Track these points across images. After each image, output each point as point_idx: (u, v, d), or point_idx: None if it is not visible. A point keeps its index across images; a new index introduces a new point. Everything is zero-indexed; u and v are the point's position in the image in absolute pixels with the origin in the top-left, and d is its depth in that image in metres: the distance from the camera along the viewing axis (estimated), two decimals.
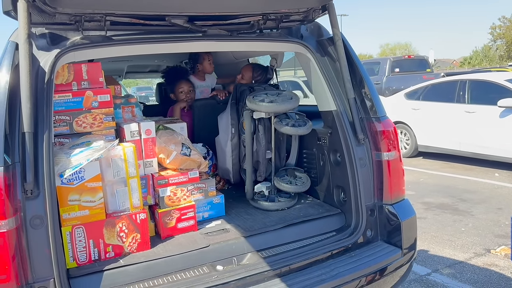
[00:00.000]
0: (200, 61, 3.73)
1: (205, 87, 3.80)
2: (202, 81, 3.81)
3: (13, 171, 1.76)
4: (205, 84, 3.83)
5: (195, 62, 3.76)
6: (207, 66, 3.73)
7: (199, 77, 3.80)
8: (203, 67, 3.74)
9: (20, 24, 1.80)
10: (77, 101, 2.23)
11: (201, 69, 3.77)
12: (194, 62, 3.78)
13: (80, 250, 2.07)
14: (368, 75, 2.57)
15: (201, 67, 3.75)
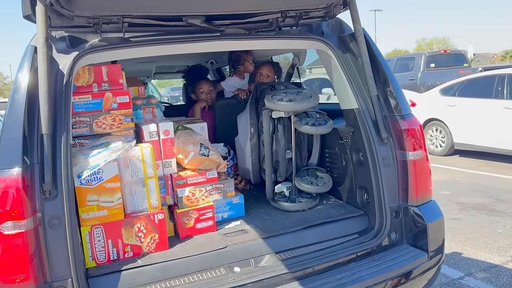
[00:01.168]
0: (242, 62, 3.77)
1: (245, 85, 3.83)
2: (242, 80, 3.86)
3: (31, 172, 1.79)
4: (245, 82, 3.87)
5: (237, 64, 3.80)
6: (248, 66, 3.78)
7: (240, 76, 3.86)
8: (244, 67, 3.80)
9: (38, 28, 1.84)
10: (96, 103, 2.26)
11: (243, 70, 3.82)
12: (236, 63, 3.81)
13: (99, 250, 2.09)
14: (391, 71, 2.47)
15: (242, 68, 3.81)
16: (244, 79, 3.84)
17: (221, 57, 4.59)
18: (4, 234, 1.72)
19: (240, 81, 3.82)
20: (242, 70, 3.82)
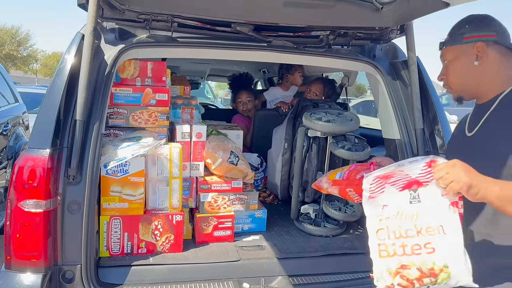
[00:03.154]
0: (291, 72, 3.72)
1: (288, 97, 3.78)
2: (285, 91, 3.81)
3: (59, 155, 1.84)
4: (288, 94, 3.82)
5: (286, 72, 3.76)
6: (297, 78, 3.73)
7: (284, 87, 3.81)
8: (293, 78, 3.75)
9: (88, 17, 1.88)
10: (136, 97, 2.30)
11: (290, 80, 3.78)
12: (286, 72, 3.78)
13: (114, 241, 2.11)
14: (442, 106, 2.32)
15: (291, 78, 3.77)
16: (288, 91, 3.77)
17: (273, 67, 4.57)
18: (24, 211, 1.77)
19: (283, 92, 3.76)
20: (290, 81, 3.76)
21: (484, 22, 1.48)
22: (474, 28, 1.47)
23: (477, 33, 1.46)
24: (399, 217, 1.32)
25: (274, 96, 3.73)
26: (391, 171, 1.34)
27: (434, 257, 1.25)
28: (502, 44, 1.44)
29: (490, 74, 1.46)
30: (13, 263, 1.80)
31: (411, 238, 1.28)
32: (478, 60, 1.45)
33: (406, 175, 1.33)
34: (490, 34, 1.45)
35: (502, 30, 1.46)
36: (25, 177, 1.78)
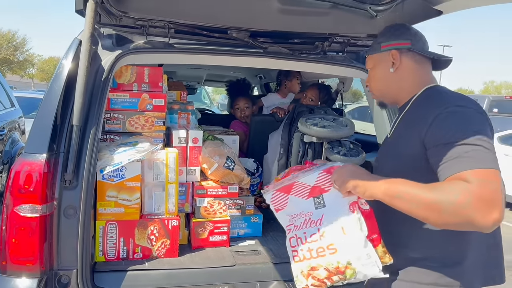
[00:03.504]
0: (290, 79, 3.75)
1: (285, 104, 3.80)
2: (283, 98, 3.83)
3: (56, 160, 1.85)
4: (285, 101, 3.84)
5: (285, 79, 3.78)
6: (295, 85, 3.76)
7: (282, 94, 3.83)
8: (291, 85, 3.78)
9: (86, 23, 1.90)
10: (133, 102, 2.31)
11: (288, 87, 3.80)
12: (284, 78, 3.80)
13: (110, 246, 2.11)
14: None
15: (289, 85, 3.79)
16: (286, 98, 3.80)
17: (269, 72, 4.60)
18: (20, 215, 1.78)
19: (281, 98, 3.79)
20: (288, 88, 3.79)
21: (400, 31, 1.57)
22: (390, 37, 1.57)
23: (392, 41, 1.56)
24: (306, 223, 1.45)
25: (272, 102, 3.75)
26: (289, 183, 1.49)
27: (337, 256, 1.37)
28: (416, 52, 1.52)
29: (405, 80, 1.54)
30: (8, 267, 1.80)
31: (315, 242, 1.41)
32: (393, 67, 1.54)
33: (305, 184, 1.46)
34: (404, 42, 1.54)
35: (417, 38, 1.55)
36: (22, 181, 1.79)
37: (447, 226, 1.24)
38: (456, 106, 1.35)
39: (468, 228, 1.22)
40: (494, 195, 1.17)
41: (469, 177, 1.19)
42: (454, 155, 1.25)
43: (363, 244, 1.37)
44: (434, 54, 1.55)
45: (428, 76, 1.55)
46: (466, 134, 1.27)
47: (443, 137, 1.30)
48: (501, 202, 1.18)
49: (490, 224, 1.16)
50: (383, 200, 1.31)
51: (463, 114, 1.32)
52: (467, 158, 1.23)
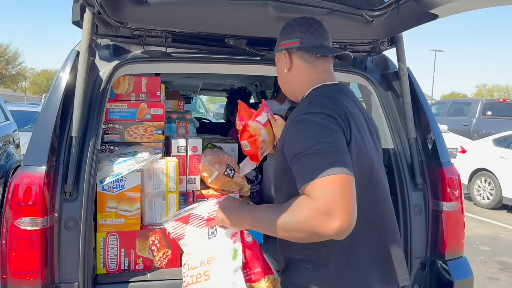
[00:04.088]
0: None
1: (283, 110, 3.79)
2: (281, 105, 3.83)
3: (55, 172, 1.84)
4: (283, 107, 3.83)
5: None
6: None
7: (279, 100, 3.83)
8: None
9: (83, 34, 1.91)
10: (131, 112, 2.30)
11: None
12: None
13: (111, 257, 2.09)
14: (433, 116, 2.36)
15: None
16: (284, 105, 3.81)
17: (265, 80, 4.61)
18: (21, 229, 1.76)
19: (278, 105, 3.79)
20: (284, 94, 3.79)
21: (292, 29, 1.52)
22: (283, 37, 1.54)
23: (284, 41, 1.53)
24: (197, 252, 1.56)
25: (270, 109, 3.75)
26: (186, 214, 1.60)
27: (209, 283, 1.49)
28: (305, 51, 1.47)
29: (298, 80, 1.52)
30: (9, 282, 1.78)
31: (196, 269, 1.53)
32: (286, 67, 1.52)
33: (199, 216, 1.57)
34: (293, 41, 1.49)
35: (308, 35, 1.48)
36: (21, 194, 1.77)
37: (303, 240, 1.28)
38: (303, 114, 1.33)
39: (319, 239, 1.23)
40: (330, 204, 1.17)
41: (308, 191, 1.22)
42: (297, 169, 1.27)
43: (232, 273, 1.46)
44: (322, 52, 1.48)
45: (319, 75, 1.49)
46: (306, 143, 1.27)
47: (291, 150, 1.31)
48: (340, 209, 1.17)
49: (333, 232, 1.17)
50: (252, 229, 1.45)
51: (305, 123, 1.31)
52: (306, 170, 1.24)
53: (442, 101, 15.99)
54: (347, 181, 1.21)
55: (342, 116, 1.33)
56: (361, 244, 1.39)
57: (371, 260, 1.40)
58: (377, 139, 1.55)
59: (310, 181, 1.21)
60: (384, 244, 1.44)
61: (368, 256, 1.40)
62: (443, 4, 1.79)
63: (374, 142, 1.49)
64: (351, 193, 1.21)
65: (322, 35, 1.51)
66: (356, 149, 1.33)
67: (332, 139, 1.27)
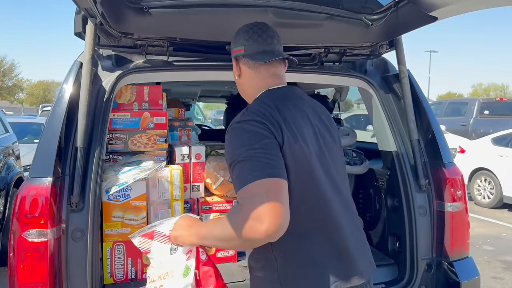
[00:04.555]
0: None
1: None
2: None
3: (61, 183, 1.84)
4: None
5: None
6: None
7: None
8: None
9: (86, 45, 1.92)
10: (134, 121, 2.32)
11: None
12: None
13: (118, 267, 2.09)
14: (435, 117, 2.38)
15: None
16: None
17: None
18: (28, 241, 1.76)
19: None
20: None
21: (238, 36, 1.55)
22: (232, 45, 1.57)
23: (233, 49, 1.56)
24: (159, 266, 1.60)
25: None
26: (150, 231, 1.64)
27: None
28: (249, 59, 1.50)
29: (247, 86, 1.56)
30: None
31: (154, 282, 1.58)
32: (236, 74, 1.57)
33: (162, 233, 1.61)
34: (238, 49, 1.53)
35: (251, 42, 1.50)
36: (28, 206, 1.77)
37: (243, 248, 1.38)
38: (236, 123, 1.38)
39: (254, 244, 1.29)
40: (255, 209, 1.20)
41: (238, 198, 1.28)
42: (233, 177, 1.32)
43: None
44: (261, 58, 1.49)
45: (263, 81, 1.51)
46: (237, 151, 1.31)
47: (227, 159, 1.36)
48: (266, 213, 1.20)
49: (263, 236, 1.21)
50: (201, 244, 1.50)
51: (237, 131, 1.35)
52: (237, 178, 1.29)
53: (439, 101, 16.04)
54: (274, 185, 1.24)
55: (273, 121, 1.36)
56: (311, 243, 1.39)
57: (326, 258, 1.40)
58: (329, 138, 1.52)
59: (240, 188, 1.26)
60: (339, 240, 1.43)
61: (322, 255, 1.40)
62: (442, 7, 1.81)
63: (319, 144, 1.47)
64: (279, 196, 1.23)
65: (265, 40, 1.51)
66: (290, 152, 1.35)
67: (261, 144, 1.30)
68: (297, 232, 1.35)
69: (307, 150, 1.40)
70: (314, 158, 1.42)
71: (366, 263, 1.50)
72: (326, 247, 1.40)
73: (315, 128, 1.48)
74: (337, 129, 1.60)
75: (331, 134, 1.54)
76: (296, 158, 1.36)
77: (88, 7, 1.78)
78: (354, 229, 1.50)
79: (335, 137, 1.56)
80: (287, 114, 1.41)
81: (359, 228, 1.56)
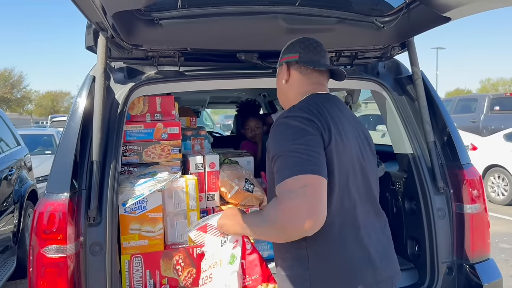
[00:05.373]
0: None
1: None
2: None
3: (78, 198, 1.84)
4: None
5: None
6: None
7: None
8: None
9: (98, 58, 1.92)
10: (148, 132, 2.31)
11: None
12: None
13: (136, 279, 2.09)
14: (450, 117, 2.34)
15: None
16: None
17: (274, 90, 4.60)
18: (47, 257, 1.76)
19: None
20: None
21: (292, 45, 1.65)
22: (284, 52, 1.67)
23: (285, 55, 1.66)
24: (211, 257, 1.71)
25: None
26: (203, 224, 1.75)
27: (210, 284, 1.64)
28: (302, 64, 1.59)
29: (292, 90, 1.62)
30: None
31: (205, 272, 1.70)
32: (284, 79, 1.64)
33: (214, 225, 1.72)
34: (293, 55, 1.62)
35: (306, 51, 1.60)
36: (46, 222, 1.78)
37: (279, 240, 1.42)
38: (282, 118, 1.43)
39: (290, 237, 1.32)
40: (291, 204, 1.26)
41: (277, 192, 1.32)
42: (275, 171, 1.36)
43: (227, 276, 1.61)
44: (317, 65, 1.58)
45: (311, 86, 1.59)
46: (280, 146, 1.37)
47: (270, 153, 1.41)
48: (301, 209, 1.25)
49: (298, 231, 1.27)
50: (244, 233, 1.60)
51: (282, 126, 1.41)
52: (278, 172, 1.33)
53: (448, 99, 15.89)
54: (312, 181, 1.28)
55: (321, 119, 1.41)
56: (344, 245, 1.42)
57: (357, 261, 1.42)
58: (368, 147, 1.59)
59: (279, 182, 1.31)
60: (369, 245, 1.45)
61: (353, 258, 1.42)
62: (456, 7, 1.79)
63: (361, 149, 1.53)
64: (316, 193, 1.27)
65: (320, 53, 1.62)
66: (336, 152, 1.39)
67: (304, 140, 1.34)
68: (332, 232, 1.39)
69: (350, 152, 1.45)
70: (356, 161, 1.47)
71: (392, 271, 1.53)
72: (357, 250, 1.43)
73: (357, 134, 1.54)
74: (372, 139, 1.65)
75: (369, 143, 1.61)
76: (340, 158, 1.40)
77: (99, 20, 1.78)
78: (383, 238, 1.54)
79: (372, 146, 1.62)
80: (335, 114, 1.48)
81: (388, 237, 1.58)
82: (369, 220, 1.49)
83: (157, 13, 1.92)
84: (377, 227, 1.52)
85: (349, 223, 1.43)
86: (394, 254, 1.60)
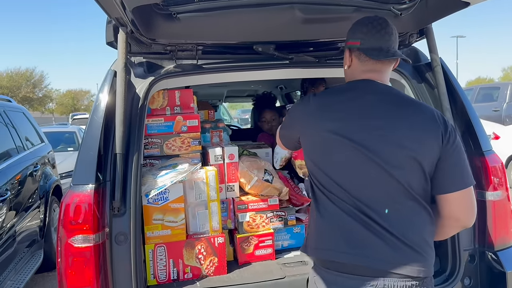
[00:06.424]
0: (316, 86, 3.75)
1: None
2: None
3: (103, 189, 1.89)
4: None
5: (311, 86, 3.78)
6: (321, 90, 3.74)
7: None
8: (317, 91, 3.76)
9: (119, 53, 1.97)
10: (168, 125, 2.36)
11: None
12: (309, 85, 3.80)
13: (160, 268, 2.14)
14: (471, 104, 2.32)
15: (316, 92, 3.77)
16: None
17: (291, 82, 4.61)
18: (74, 246, 1.82)
19: None
20: None
21: (354, 29, 1.59)
22: (348, 35, 1.61)
23: (348, 40, 1.61)
24: None
25: None
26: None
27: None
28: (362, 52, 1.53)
29: (349, 76, 1.61)
30: None
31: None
32: (346, 64, 1.62)
33: None
34: (355, 41, 1.56)
35: (368, 36, 1.53)
36: (72, 213, 1.84)
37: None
38: (291, 105, 1.59)
39: None
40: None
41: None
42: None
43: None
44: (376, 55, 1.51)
45: (362, 73, 1.55)
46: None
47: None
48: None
49: None
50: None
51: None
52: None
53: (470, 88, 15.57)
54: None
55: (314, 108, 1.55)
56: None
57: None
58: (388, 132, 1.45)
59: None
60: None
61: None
62: None
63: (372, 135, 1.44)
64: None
65: (383, 37, 1.53)
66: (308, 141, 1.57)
67: (286, 125, 1.73)
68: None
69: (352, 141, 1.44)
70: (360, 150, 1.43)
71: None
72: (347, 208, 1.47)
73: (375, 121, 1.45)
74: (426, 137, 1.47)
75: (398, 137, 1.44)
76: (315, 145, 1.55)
77: (119, 16, 1.82)
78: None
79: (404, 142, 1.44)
80: (346, 104, 1.52)
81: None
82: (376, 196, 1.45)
83: (174, 7, 1.94)
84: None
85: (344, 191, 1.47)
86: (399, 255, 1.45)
